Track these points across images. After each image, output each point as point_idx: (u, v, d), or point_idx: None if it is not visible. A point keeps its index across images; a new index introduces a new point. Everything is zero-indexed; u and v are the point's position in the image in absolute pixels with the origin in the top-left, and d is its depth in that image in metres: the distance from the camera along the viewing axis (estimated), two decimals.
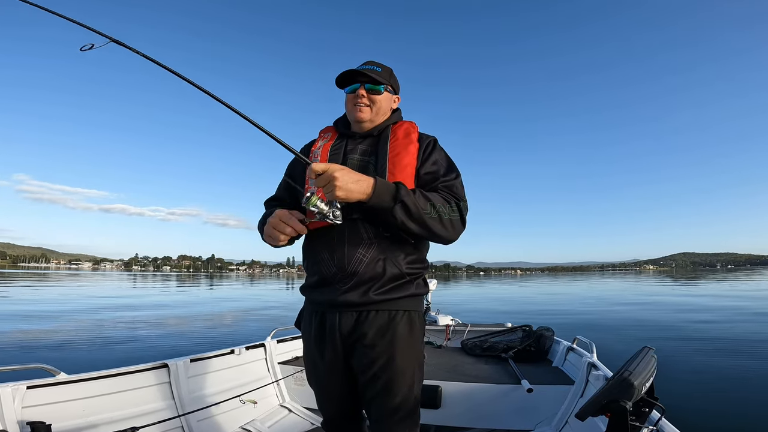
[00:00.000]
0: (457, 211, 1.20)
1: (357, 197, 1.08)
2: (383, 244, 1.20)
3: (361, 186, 1.08)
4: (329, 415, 1.37)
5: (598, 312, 14.07)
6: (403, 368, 1.20)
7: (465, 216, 1.23)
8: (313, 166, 1.07)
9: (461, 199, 1.23)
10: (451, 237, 1.21)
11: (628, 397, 1.07)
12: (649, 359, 1.26)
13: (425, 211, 1.14)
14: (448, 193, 1.22)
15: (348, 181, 1.06)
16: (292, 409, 2.82)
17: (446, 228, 1.18)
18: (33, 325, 10.38)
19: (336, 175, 1.05)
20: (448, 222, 1.18)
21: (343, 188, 1.05)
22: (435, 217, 1.15)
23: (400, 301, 1.22)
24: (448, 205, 1.19)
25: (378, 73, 1.33)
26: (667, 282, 42.36)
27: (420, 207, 1.13)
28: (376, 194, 1.10)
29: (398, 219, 1.11)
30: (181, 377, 2.29)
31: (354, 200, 1.09)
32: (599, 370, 2.22)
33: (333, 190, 1.05)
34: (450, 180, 1.25)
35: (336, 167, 1.07)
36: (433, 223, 1.15)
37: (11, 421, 1.62)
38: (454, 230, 1.21)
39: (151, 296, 23.72)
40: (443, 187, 1.23)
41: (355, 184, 1.07)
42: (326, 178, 1.06)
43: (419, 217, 1.13)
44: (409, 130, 1.34)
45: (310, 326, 1.30)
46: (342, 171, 1.07)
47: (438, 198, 1.18)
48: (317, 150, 1.36)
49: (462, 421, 2.48)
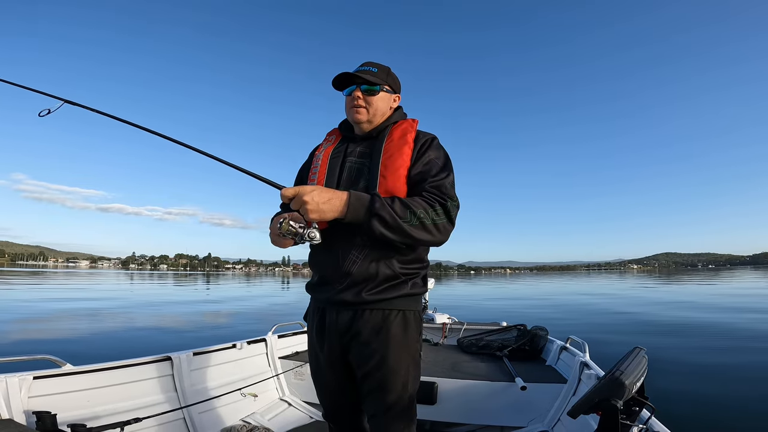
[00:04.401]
0: (443, 213, 1.17)
1: (331, 216, 1.09)
2: (377, 246, 1.20)
3: (333, 204, 1.09)
4: (329, 407, 1.41)
5: (591, 312, 14.16)
6: (397, 366, 1.22)
7: (453, 215, 1.20)
8: (282, 191, 1.09)
9: (449, 198, 1.20)
10: (437, 240, 1.19)
11: (619, 396, 1.10)
12: (640, 359, 1.30)
13: (404, 219, 1.11)
14: (435, 194, 1.19)
15: (318, 201, 1.07)
16: (292, 402, 2.86)
17: (430, 233, 1.16)
18: (39, 318, 10.38)
19: (305, 199, 1.06)
20: (431, 226, 1.15)
21: (314, 210, 1.06)
22: (416, 224, 1.13)
23: (394, 300, 1.23)
24: (431, 209, 1.15)
25: (374, 74, 1.32)
26: (651, 282, 42.66)
27: (398, 216, 1.11)
28: (351, 210, 1.10)
29: (376, 232, 1.11)
30: (183, 370, 2.33)
31: (329, 219, 1.10)
32: (591, 369, 2.26)
33: (305, 214, 1.07)
34: (439, 179, 1.22)
35: (306, 190, 1.07)
36: (414, 230, 1.13)
37: (18, 410, 1.65)
38: (440, 233, 1.18)
39: (152, 293, 23.61)
40: (431, 187, 1.20)
41: (326, 204, 1.08)
42: (298, 202, 1.07)
43: (398, 226, 1.11)
44: (407, 130, 1.32)
45: (313, 321, 1.36)
46: (312, 193, 1.07)
47: (419, 203, 1.15)
48: (319, 154, 1.39)
49: (457, 417, 2.52)
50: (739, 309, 13.48)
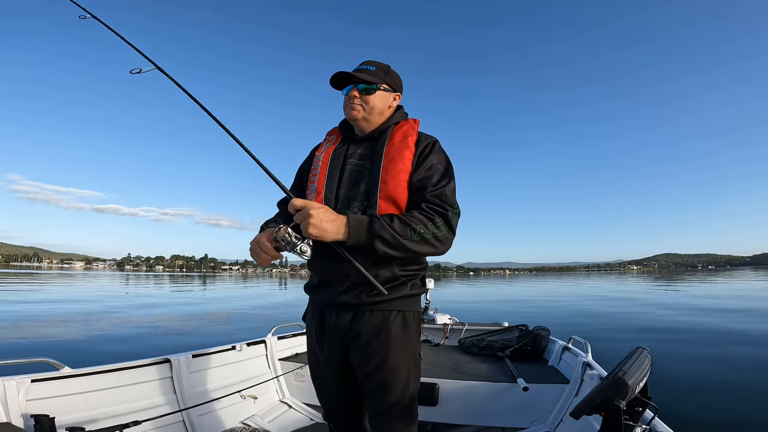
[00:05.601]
0: (443, 224, 1.17)
1: (331, 237, 1.09)
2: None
3: (336, 226, 1.10)
4: (329, 408, 1.41)
5: (593, 312, 14.14)
6: (397, 367, 1.22)
7: (454, 224, 1.20)
8: (293, 201, 1.10)
9: (450, 207, 1.20)
10: (439, 252, 1.20)
11: (622, 396, 1.10)
12: (643, 359, 1.29)
13: (405, 236, 1.12)
14: (436, 204, 1.19)
15: (323, 219, 1.08)
16: (292, 404, 2.85)
17: (432, 245, 1.17)
18: (37, 320, 10.38)
19: (311, 212, 1.07)
20: (433, 239, 1.16)
21: (316, 226, 1.07)
22: (417, 240, 1.14)
23: (394, 301, 1.23)
24: (431, 223, 1.16)
25: (371, 73, 1.31)
26: (652, 282, 42.67)
27: (399, 235, 1.12)
28: (352, 233, 1.11)
29: (379, 251, 1.12)
30: (182, 372, 2.32)
31: (329, 239, 1.09)
32: (594, 369, 2.24)
33: (306, 227, 1.07)
34: (440, 188, 1.22)
35: (315, 205, 1.09)
36: (416, 245, 1.14)
37: (16, 413, 1.64)
38: (442, 245, 1.19)
39: (149, 295, 23.63)
40: (432, 196, 1.20)
41: (329, 224, 1.08)
42: (303, 215, 1.08)
43: (399, 244, 1.12)
44: (408, 132, 1.31)
45: (312, 322, 1.35)
46: (319, 210, 1.09)
47: (419, 219, 1.15)
48: (320, 155, 1.38)
49: (459, 419, 2.51)
50: (738, 309, 13.46)
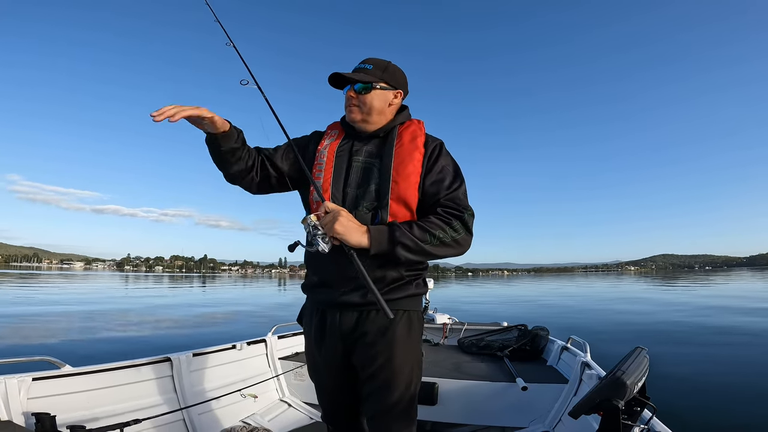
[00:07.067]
0: (461, 227, 1.20)
1: (355, 239, 1.12)
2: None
3: (359, 232, 1.13)
4: (328, 408, 1.40)
5: (592, 312, 14.16)
6: (402, 366, 1.22)
7: (470, 225, 1.23)
8: (326, 202, 1.16)
9: (465, 209, 1.22)
10: (459, 253, 1.23)
11: (621, 396, 1.10)
12: (641, 359, 1.30)
13: (425, 242, 1.15)
14: (451, 208, 1.21)
15: (351, 222, 1.13)
16: (292, 403, 2.86)
17: (452, 248, 1.20)
18: (37, 319, 10.37)
19: (343, 214, 1.13)
20: (452, 242, 1.19)
21: (344, 225, 1.11)
22: (437, 244, 1.17)
23: (400, 301, 1.24)
24: (449, 227, 1.18)
25: (368, 72, 1.29)
26: (650, 283, 42.73)
27: (419, 240, 1.15)
28: (375, 242, 1.13)
29: (402, 258, 1.15)
30: (183, 371, 2.32)
31: (349, 242, 1.11)
32: (593, 369, 2.25)
33: (334, 225, 1.10)
34: (453, 190, 1.24)
35: (344, 211, 1.15)
36: (437, 249, 1.17)
37: (17, 412, 1.64)
38: (461, 246, 1.22)
39: (149, 295, 23.63)
40: (446, 200, 1.22)
41: (354, 230, 1.12)
42: (333, 216, 1.12)
43: (421, 249, 1.15)
44: (416, 133, 1.31)
45: (311, 323, 1.33)
46: (349, 214, 1.15)
47: (436, 224, 1.18)
48: (323, 149, 1.35)
49: (458, 418, 2.52)
50: (739, 310, 13.48)
